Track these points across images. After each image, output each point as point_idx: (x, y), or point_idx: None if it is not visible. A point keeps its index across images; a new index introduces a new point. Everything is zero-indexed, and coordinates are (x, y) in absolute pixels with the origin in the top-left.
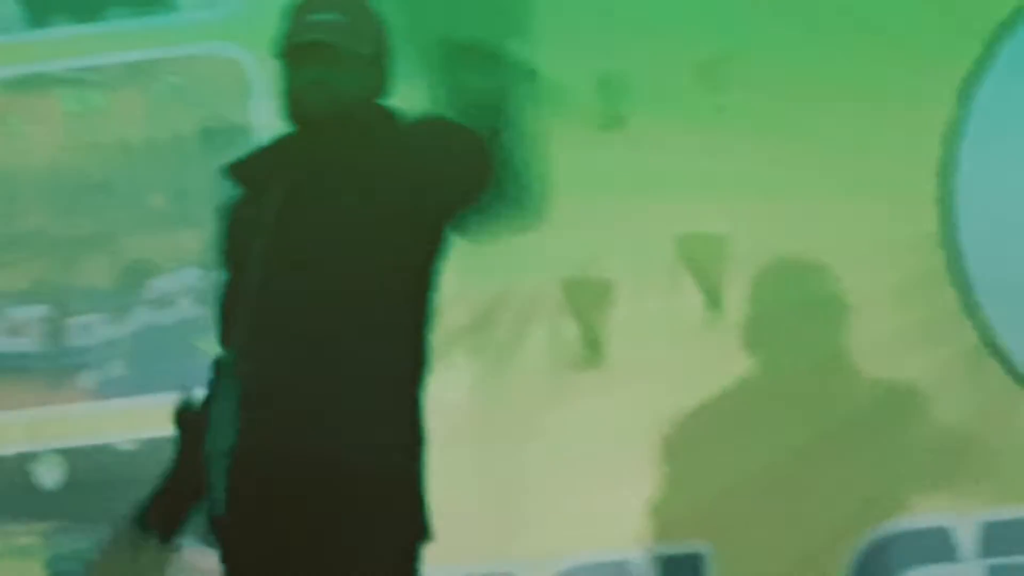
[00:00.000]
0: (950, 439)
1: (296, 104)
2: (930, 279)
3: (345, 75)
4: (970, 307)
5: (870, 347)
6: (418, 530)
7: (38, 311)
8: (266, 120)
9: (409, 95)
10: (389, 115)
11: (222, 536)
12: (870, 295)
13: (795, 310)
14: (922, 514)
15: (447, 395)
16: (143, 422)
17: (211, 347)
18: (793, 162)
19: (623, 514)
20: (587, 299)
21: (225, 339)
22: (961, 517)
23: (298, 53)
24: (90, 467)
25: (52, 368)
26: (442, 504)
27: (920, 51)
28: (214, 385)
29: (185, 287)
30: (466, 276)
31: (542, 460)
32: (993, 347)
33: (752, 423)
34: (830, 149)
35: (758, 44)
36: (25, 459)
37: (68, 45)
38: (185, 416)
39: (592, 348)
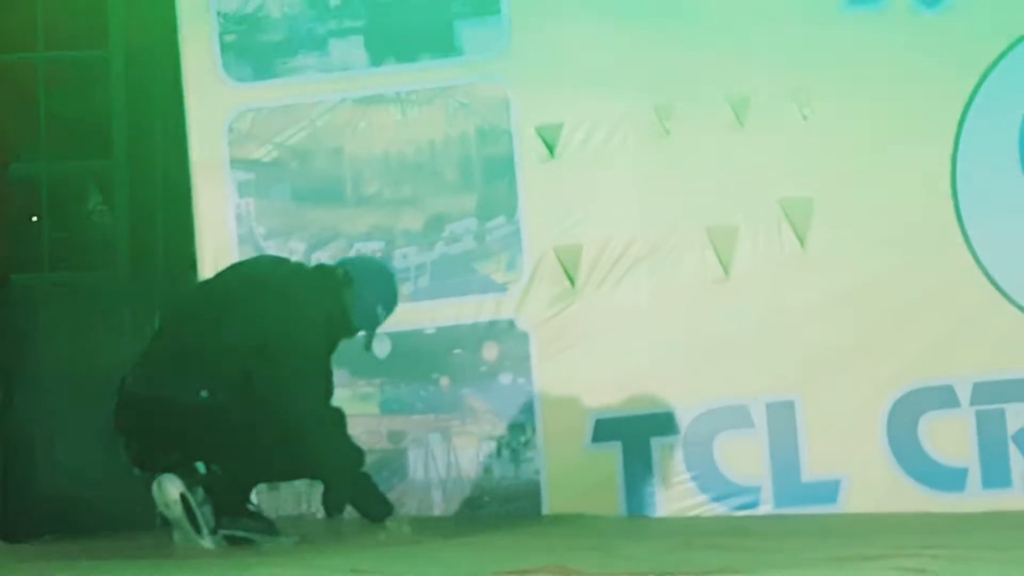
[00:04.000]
0: (947, 332)
1: None
2: (937, 226)
3: None
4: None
5: (899, 271)
6: None
7: (375, 245)
8: (520, 126)
9: None
10: None
11: None
12: (886, 240)
13: (858, 247)
14: (934, 377)
15: (632, 301)
16: (440, 315)
17: (485, 269)
18: (854, 154)
19: (743, 374)
20: (721, 238)
21: None
22: (960, 378)
23: None
24: (406, 344)
25: None
26: (626, 367)
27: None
28: None
29: (467, 230)
30: (643, 224)
31: (692, 339)
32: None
33: (825, 318)
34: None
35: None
36: (367, 338)
37: (395, 77)
38: None
39: (724, 269)
